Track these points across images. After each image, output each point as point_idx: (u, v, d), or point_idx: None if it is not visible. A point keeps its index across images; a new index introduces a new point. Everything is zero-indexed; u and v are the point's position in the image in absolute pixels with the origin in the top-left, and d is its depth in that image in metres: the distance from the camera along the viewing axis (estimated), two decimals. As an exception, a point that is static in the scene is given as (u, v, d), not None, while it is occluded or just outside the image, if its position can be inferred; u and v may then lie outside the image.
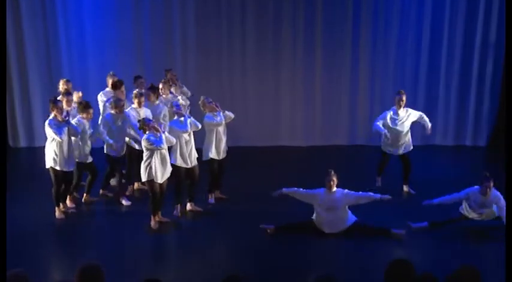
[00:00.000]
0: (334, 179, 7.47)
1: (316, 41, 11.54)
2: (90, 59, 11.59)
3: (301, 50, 11.61)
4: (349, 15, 11.41)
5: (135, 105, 8.60)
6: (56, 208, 8.09)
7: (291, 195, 7.64)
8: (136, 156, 8.46)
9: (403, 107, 8.86)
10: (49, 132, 7.75)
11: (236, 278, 3.84)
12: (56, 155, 7.81)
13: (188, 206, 8.27)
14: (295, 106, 11.86)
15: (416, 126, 11.56)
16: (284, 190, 7.63)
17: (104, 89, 9.92)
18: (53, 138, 7.77)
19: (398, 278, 3.84)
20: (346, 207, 7.54)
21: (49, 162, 7.90)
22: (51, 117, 7.85)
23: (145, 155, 7.49)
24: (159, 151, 7.42)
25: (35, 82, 11.64)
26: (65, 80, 9.58)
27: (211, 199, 8.57)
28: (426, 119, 9.06)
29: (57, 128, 7.73)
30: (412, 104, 11.48)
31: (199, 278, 6.47)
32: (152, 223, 7.72)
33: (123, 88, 9.13)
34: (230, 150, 8.72)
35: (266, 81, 11.74)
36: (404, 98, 8.81)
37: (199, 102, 8.40)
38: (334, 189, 7.48)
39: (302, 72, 11.71)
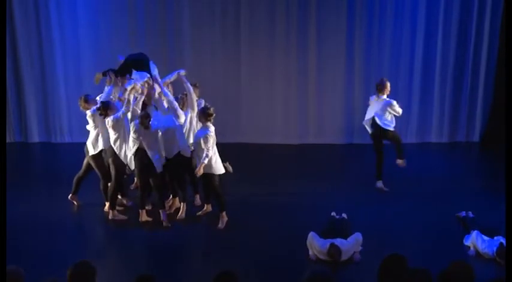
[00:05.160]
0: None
1: (310, 38, 11.49)
2: (84, 53, 11.52)
3: (295, 47, 11.55)
4: (344, 13, 11.34)
5: None
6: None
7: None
8: None
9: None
10: None
11: (229, 273, 3.84)
12: None
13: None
14: (289, 104, 11.82)
15: (411, 124, 11.70)
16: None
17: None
18: None
19: (393, 272, 3.87)
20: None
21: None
22: None
23: None
24: None
25: (28, 77, 11.58)
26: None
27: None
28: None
29: None
30: (407, 103, 11.58)
31: (194, 276, 6.47)
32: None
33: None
34: (224, 147, 8.67)
35: (260, 79, 11.68)
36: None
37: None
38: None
39: (296, 69, 11.64)
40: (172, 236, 7.50)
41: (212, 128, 7.51)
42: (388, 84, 8.80)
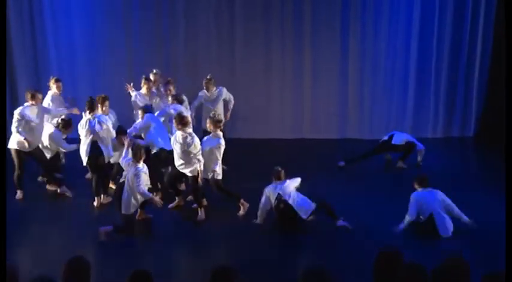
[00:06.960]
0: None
1: (305, 33, 11.50)
2: (79, 53, 11.52)
3: (290, 43, 11.57)
4: (339, 9, 11.38)
5: None
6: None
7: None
8: None
9: None
10: None
11: (227, 269, 3.83)
12: None
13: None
14: (284, 99, 11.84)
15: (406, 119, 11.72)
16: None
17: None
18: None
19: (387, 268, 3.87)
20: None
21: None
22: None
23: None
24: None
25: (23, 74, 11.56)
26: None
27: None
28: None
29: None
30: (403, 99, 11.62)
31: (190, 270, 6.47)
32: None
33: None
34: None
35: (256, 74, 11.70)
36: None
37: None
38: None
39: (292, 64, 11.67)
40: (169, 231, 7.50)
41: (222, 137, 7.57)
42: None
